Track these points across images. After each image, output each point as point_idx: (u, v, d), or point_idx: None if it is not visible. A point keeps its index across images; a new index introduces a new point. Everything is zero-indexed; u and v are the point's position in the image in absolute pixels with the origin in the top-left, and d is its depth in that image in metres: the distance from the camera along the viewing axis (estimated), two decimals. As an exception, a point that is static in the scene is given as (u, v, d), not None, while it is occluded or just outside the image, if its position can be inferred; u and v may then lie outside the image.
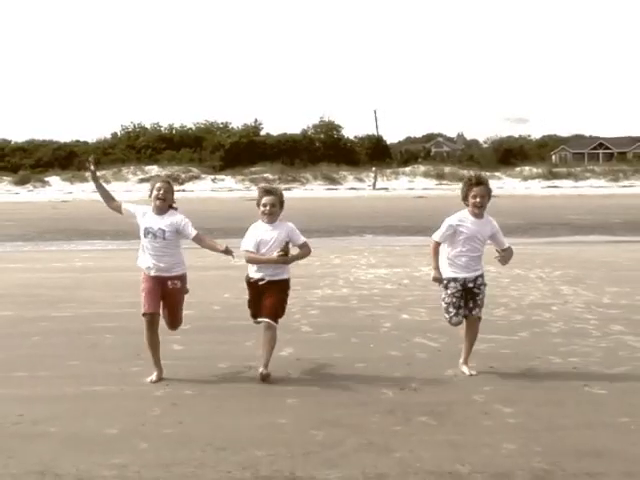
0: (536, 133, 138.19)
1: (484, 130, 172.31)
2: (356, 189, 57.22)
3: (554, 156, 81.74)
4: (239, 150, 68.14)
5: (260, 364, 6.08)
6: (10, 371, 6.42)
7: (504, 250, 6.41)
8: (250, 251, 6.11)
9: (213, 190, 57.01)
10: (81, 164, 52.51)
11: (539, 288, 10.86)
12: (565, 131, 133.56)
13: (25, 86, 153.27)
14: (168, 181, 6.44)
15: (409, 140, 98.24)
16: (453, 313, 6.29)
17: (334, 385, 6.00)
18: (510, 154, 72.80)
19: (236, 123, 76.54)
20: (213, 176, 63.63)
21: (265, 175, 62.41)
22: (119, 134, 75.95)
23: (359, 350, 7.15)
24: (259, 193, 6.26)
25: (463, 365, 6.35)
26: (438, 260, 6.32)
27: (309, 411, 5.36)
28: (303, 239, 6.26)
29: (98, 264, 14.53)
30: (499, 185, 49.77)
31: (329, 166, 65.19)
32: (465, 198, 6.26)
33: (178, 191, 7.35)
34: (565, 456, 4.46)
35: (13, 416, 5.21)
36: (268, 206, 6.10)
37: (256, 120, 75.62)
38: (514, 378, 6.18)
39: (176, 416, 5.23)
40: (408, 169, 65.87)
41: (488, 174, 51.50)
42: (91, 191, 6.51)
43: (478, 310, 6.33)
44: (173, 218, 6.15)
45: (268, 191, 6.25)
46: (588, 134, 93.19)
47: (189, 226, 6.15)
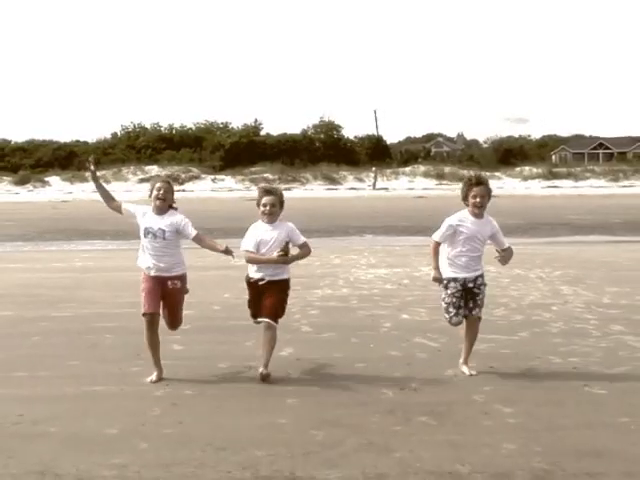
0: (536, 133, 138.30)
1: (484, 130, 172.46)
2: (356, 189, 57.22)
3: (554, 156, 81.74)
4: (239, 150, 68.13)
5: (260, 364, 6.08)
6: (10, 371, 6.42)
7: (504, 250, 6.42)
8: (250, 251, 6.11)
9: (213, 190, 57.01)
10: (81, 164, 52.49)
11: (539, 288, 10.85)
12: (565, 131, 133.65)
13: (25, 86, 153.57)
14: (168, 181, 6.44)
15: (409, 140, 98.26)
16: (453, 313, 6.29)
17: (334, 385, 6.00)
18: (510, 154, 72.80)
19: (236, 123, 76.78)
20: (213, 176, 63.63)
21: (265, 175, 62.40)
22: (119, 134, 75.97)
23: (359, 350, 7.15)
24: (259, 193, 6.26)
25: (463, 365, 6.35)
26: (438, 260, 6.32)
27: (309, 411, 5.35)
28: (303, 239, 6.25)
29: (98, 264, 14.53)
30: (499, 185, 49.77)
31: (329, 166, 65.18)
32: (465, 198, 6.27)
33: (178, 191, 7.35)
34: (565, 456, 4.45)
35: (13, 416, 5.21)
36: (268, 206, 6.10)
37: (256, 120, 75.79)
38: (514, 378, 6.18)
39: (176, 416, 5.23)
40: (408, 169, 65.88)
41: (488, 174, 51.51)
42: (91, 191, 6.51)
43: (478, 310, 6.33)
44: (173, 218, 6.15)
45: (268, 191, 6.24)
46: (588, 134, 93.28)
47: (189, 226, 6.15)
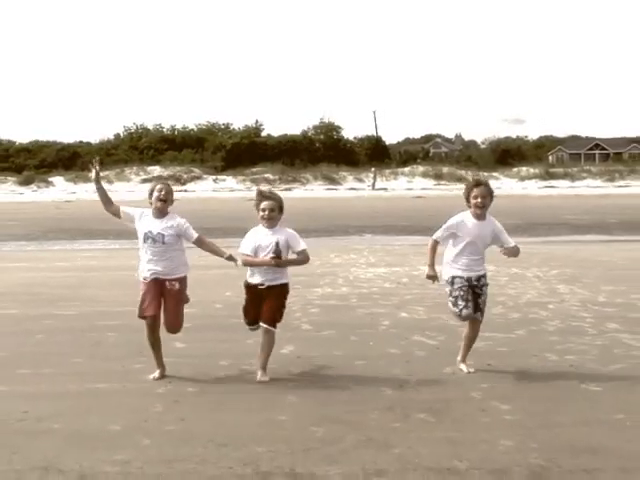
0: (533, 134, 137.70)
1: (482, 131, 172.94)
2: (356, 189, 57.18)
3: (551, 156, 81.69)
4: (240, 151, 68.10)
5: (257, 367, 6.11)
6: (15, 368, 6.45)
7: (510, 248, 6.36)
8: (247, 254, 6.10)
9: (215, 190, 56.92)
10: (84, 165, 52.41)
11: (536, 287, 10.89)
12: (562, 132, 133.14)
13: (29, 88, 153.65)
14: (168, 183, 6.48)
15: (408, 141, 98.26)
16: (463, 305, 6.19)
17: (334, 382, 6.04)
18: (507, 155, 72.79)
19: (237, 124, 76.89)
20: (215, 176, 63.60)
21: (266, 175, 62.39)
22: (122, 135, 76.02)
23: (358, 348, 7.18)
24: (257, 197, 6.18)
25: (461, 363, 6.38)
26: (433, 258, 6.32)
27: (309, 408, 5.38)
28: (302, 247, 6.13)
29: (101, 263, 14.61)
30: (497, 185, 49.45)
31: (329, 166, 65.17)
32: (467, 200, 6.31)
33: (180, 191, 7.39)
34: (561, 452, 4.48)
35: (17, 413, 5.24)
36: (267, 211, 6.05)
37: (257, 121, 75.88)
38: (511, 375, 6.21)
39: (178, 413, 5.26)
40: (407, 169, 65.86)
41: (486, 174, 51.82)
42: (94, 191, 6.52)
43: (480, 314, 6.33)
44: (173, 221, 6.14)
45: (267, 196, 6.17)
46: (584, 135, 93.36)
47: (190, 228, 6.16)
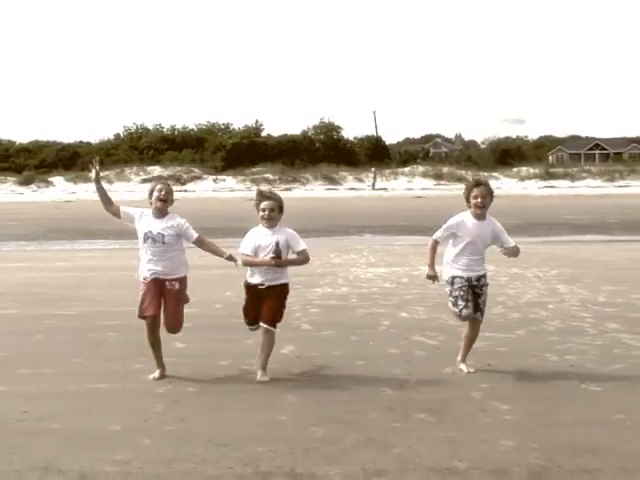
0: (533, 134, 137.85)
1: (482, 131, 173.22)
2: (356, 189, 57.24)
3: (551, 156, 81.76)
4: (240, 151, 68.19)
5: (257, 367, 6.13)
6: (15, 368, 6.46)
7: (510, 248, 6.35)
8: (247, 254, 6.11)
9: (215, 190, 56.97)
10: (84, 165, 52.46)
11: (536, 287, 10.90)
12: (562, 132, 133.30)
13: (29, 88, 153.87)
14: (168, 183, 6.49)
15: (408, 141, 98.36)
16: (463, 305, 6.19)
17: (334, 382, 6.05)
18: (507, 155, 72.87)
19: (237, 124, 77.04)
20: (215, 176, 63.68)
21: (266, 175, 62.47)
22: (122, 135, 76.15)
23: (358, 348, 7.19)
24: (257, 197, 6.19)
25: (461, 363, 6.39)
26: (433, 258, 6.33)
27: (309, 408, 5.39)
28: (302, 247, 6.13)
29: (101, 263, 14.63)
30: (497, 185, 49.51)
31: (329, 166, 65.26)
32: (467, 200, 6.32)
33: (180, 191, 7.40)
34: (561, 452, 4.49)
35: (18, 413, 5.25)
36: (267, 211, 6.06)
37: (257, 121, 76.02)
38: (511, 375, 6.22)
39: (178, 413, 5.27)
40: (407, 169, 65.92)
41: (486, 174, 51.86)
42: (94, 191, 6.52)
43: (480, 314, 6.33)
44: (173, 221, 6.15)
45: (267, 196, 6.18)
46: (584, 135, 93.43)
47: (190, 228, 6.17)
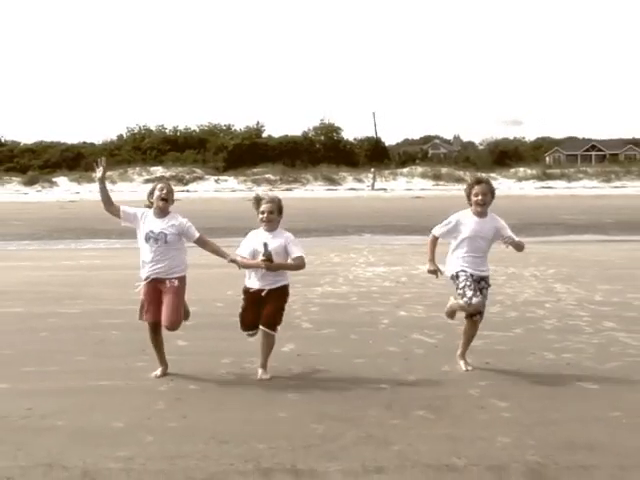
0: (530, 135, 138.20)
1: (480, 132, 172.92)
2: (355, 189, 57.22)
3: (548, 157, 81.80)
4: (242, 152, 68.15)
5: (258, 365, 6.19)
6: (19, 366, 6.48)
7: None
8: (243, 257, 6.14)
9: (216, 191, 56.87)
10: (88, 165, 52.28)
11: (533, 286, 10.95)
12: (559, 133, 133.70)
13: (34, 89, 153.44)
14: (169, 183, 6.52)
15: (407, 142, 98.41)
16: (472, 293, 6.12)
17: (334, 380, 6.09)
18: (505, 155, 72.92)
19: (239, 125, 77.16)
20: (216, 177, 63.64)
21: (267, 176, 62.49)
22: (125, 136, 76.14)
23: (358, 346, 7.22)
24: (255, 200, 6.22)
25: (460, 360, 6.41)
26: (434, 253, 6.37)
27: (309, 405, 5.42)
28: (299, 254, 6.11)
29: (105, 262, 14.67)
30: (495, 186, 49.42)
31: (329, 167, 65.28)
32: (468, 198, 6.36)
33: (182, 191, 7.45)
34: (558, 449, 4.52)
35: (22, 410, 5.27)
36: (266, 213, 6.09)
37: (258, 122, 76.06)
38: (509, 373, 6.26)
39: (180, 410, 5.30)
40: (406, 170, 65.90)
41: (484, 175, 51.78)
42: (97, 191, 6.55)
43: (479, 317, 6.35)
44: (175, 220, 6.17)
45: (265, 199, 6.21)
46: (581, 136, 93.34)
47: (192, 228, 6.20)
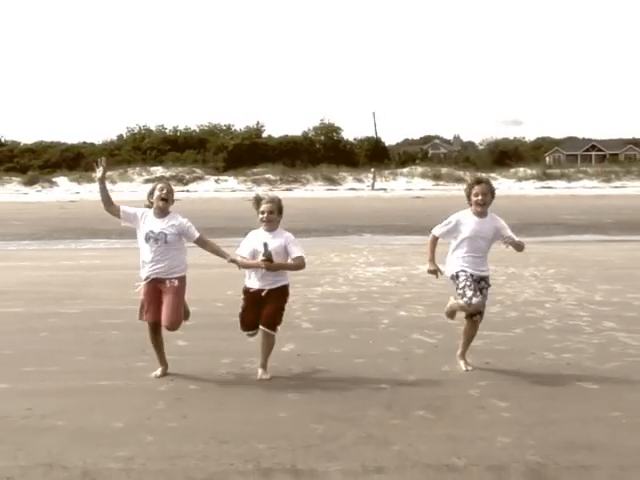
0: (530, 135, 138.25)
1: (480, 132, 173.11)
2: (355, 189, 57.25)
3: (548, 157, 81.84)
4: (242, 152, 68.19)
5: (258, 365, 6.19)
6: (19, 366, 6.49)
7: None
8: (242, 257, 6.15)
9: (216, 191, 56.89)
10: (88, 165, 52.34)
11: (533, 286, 10.95)
12: (559, 133, 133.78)
13: (33, 89, 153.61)
14: (169, 183, 6.52)
15: (407, 142, 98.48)
16: (472, 293, 6.13)
17: (334, 380, 6.09)
18: (505, 155, 72.97)
19: (239, 125, 77.23)
20: (216, 177, 63.69)
21: (267, 176, 62.53)
22: (125, 136, 76.21)
23: (358, 346, 7.23)
24: (255, 201, 6.23)
25: (460, 360, 6.42)
26: (434, 252, 6.37)
27: (309, 405, 5.43)
28: (299, 254, 6.12)
29: (105, 262, 14.68)
30: (495, 186, 49.45)
31: (329, 167, 65.33)
32: (468, 198, 6.36)
33: (182, 191, 7.45)
34: (558, 449, 4.52)
35: (22, 410, 5.27)
36: (266, 213, 6.11)
37: (258, 122, 76.13)
38: (509, 373, 6.27)
39: (180, 410, 5.30)
40: (406, 170, 65.93)
41: (484, 175, 51.78)
42: (97, 191, 6.56)
43: (479, 317, 6.36)
44: (175, 220, 6.17)
45: (265, 199, 6.22)
46: (581, 136, 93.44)
47: (192, 228, 6.20)
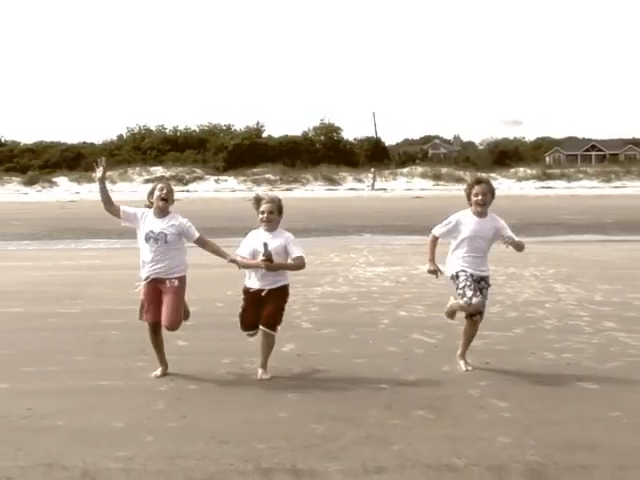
0: (530, 135, 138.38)
1: (480, 132, 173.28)
2: (355, 189, 57.26)
3: (548, 157, 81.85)
4: (242, 152, 68.21)
5: (258, 365, 6.20)
6: (20, 366, 6.49)
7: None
8: (242, 257, 6.16)
9: (216, 191, 56.89)
10: (88, 165, 52.39)
11: (533, 286, 10.96)
12: (559, 133, 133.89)
13: (33, 89, 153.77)
14: (169, 183, 6.52)
15: (407, 142, 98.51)
16: (472, 293, 6.12)
17: (334, 380, 6.09)
18: (505, 155, 72.99)
19: (239, 125, 77.25)
20: (216, 177, 63.70)
21: (267, 176, 62.54)
22: (125, 136, 76.24)
23: (358, 346, 7.23)
24: (255, 201, 6.24)
25: (460, 360, 6.42)
26: (434, 252, 6.37)
27: (309, 405, 5.43)
28: (299, 253, 6.12)
29: (105, 262, 14.69)
30: (495, 186, 49.43)
31: (329, 167, 65.35)
32: (468, 198, 6.36)
33: (182, 191, 7.45)
34: (558, 449, 4.52)
35: (22, 410, 5.28)
36: (266, 213, 6.11)
37: (258, 122, 76.17)
38: (509, 373, 6.27)
39: (180, 410, 5.30)
40: (406, 170, 65.94)
41: (484, 175, 51.82)
42: (97, 191, 6.56)
43: (479, 317, 6.36)
44: (175, 220, 6.17)
45: (265, 199, 6.23)
46: (581, 136, 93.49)
47: (192, 228, 6.21)
